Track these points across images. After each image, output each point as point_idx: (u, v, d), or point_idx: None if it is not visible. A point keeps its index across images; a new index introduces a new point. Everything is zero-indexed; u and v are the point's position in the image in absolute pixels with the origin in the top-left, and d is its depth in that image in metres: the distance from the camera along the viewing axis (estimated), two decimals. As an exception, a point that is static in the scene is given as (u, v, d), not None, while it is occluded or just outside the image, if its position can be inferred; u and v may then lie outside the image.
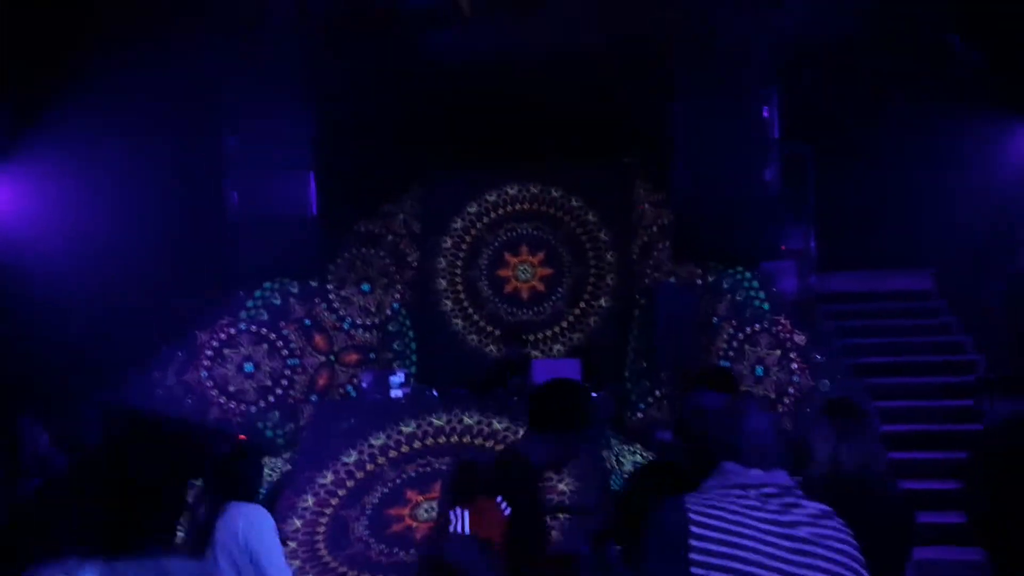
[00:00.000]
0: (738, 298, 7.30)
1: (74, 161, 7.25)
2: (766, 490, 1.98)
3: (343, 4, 8.24)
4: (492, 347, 9.16)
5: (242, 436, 4.29)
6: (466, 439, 6.52)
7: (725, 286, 7.44)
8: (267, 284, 8.36)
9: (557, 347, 8.78)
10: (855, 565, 1.93)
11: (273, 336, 8.28)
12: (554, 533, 5.22)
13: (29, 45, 6.92)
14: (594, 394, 6.87)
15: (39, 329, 7.52)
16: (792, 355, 6.78)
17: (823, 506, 2.02)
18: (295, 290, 8.45)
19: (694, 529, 1.89)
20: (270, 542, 3.24)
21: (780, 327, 6.97)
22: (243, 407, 8.05)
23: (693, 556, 1.86)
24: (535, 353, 8.74)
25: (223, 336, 8.15)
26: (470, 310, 9.36)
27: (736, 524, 1.91)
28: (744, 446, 2.05)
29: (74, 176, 7.31)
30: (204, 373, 8.02)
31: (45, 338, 7.47)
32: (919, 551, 2.98)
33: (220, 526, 3.21)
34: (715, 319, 7.44)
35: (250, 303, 8.27)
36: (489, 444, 6.41)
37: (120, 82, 7.10)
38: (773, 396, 6.80)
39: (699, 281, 7.72)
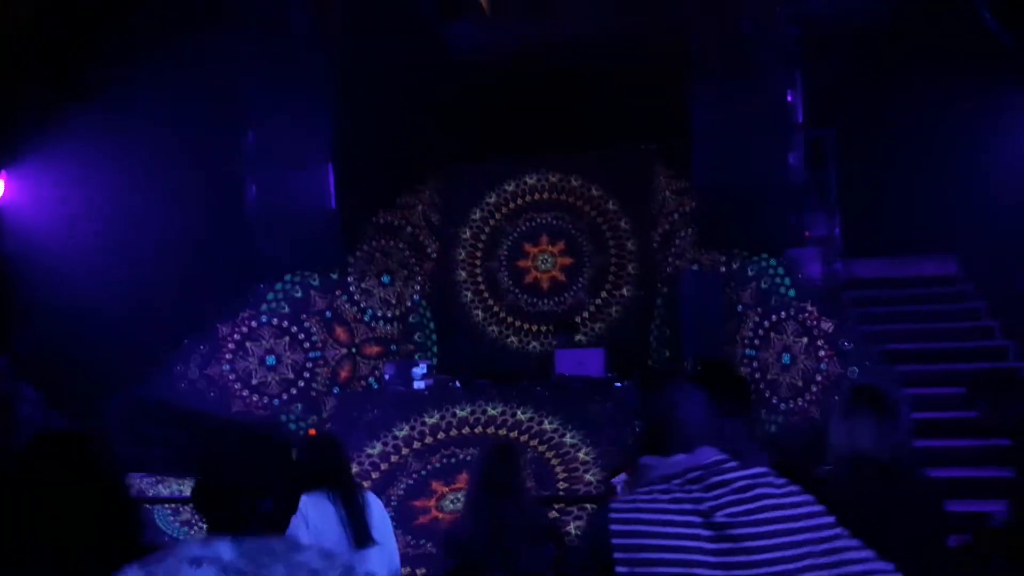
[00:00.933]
0: (763, 285, 7.21)
1: (97, 158, 7.27)
2: (691, 475, 1.89)
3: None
4: (513, 338, 9.12)
5: (312, 431, 4.33)
6: (490, 430, 6.50)
7: (750, 273, 7.36)
8: (288, 277, 8.36)
9: (579, 337, 8.72)
10: (779, 527, 1.82)
11: (295, 329, 8.28)
12: (581, 524, 5.18)
13: (55, 44, 6.94)
14: (617, 384, 6.84)
15: (61, 325, 7.56)
16: (819, 343, 6.69)
17: (752, 471, 1.91)
18: (316, 283, 8.45)
19: (616, 540, 1.80)
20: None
21: (806, 314, 6.88)
22: (266, 400, 8.07)
23: (619, 569, 1.78)
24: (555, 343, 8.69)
25: (245, 329, 8.17)
26: (490, 301, 9.33)
27: (655, 524, 1.82)
28: (668, 431, 1.97)
29: (97, 173, 7.33)
30: (227, 366, 8.04)
31: (67, 334, 7.50)
32: (953, 540, 2.90)
33: (369, 512, 3.28)
34: (740, 307, 7.36)
35: (271, 296, 8.28)
36: (514, 435, 6.38)
37: (141, 78, 7.11)
38: (800, 384, 6.72)
39: (723, 268, 7.63)
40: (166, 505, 6.35)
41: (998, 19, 6.39)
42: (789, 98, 7.21)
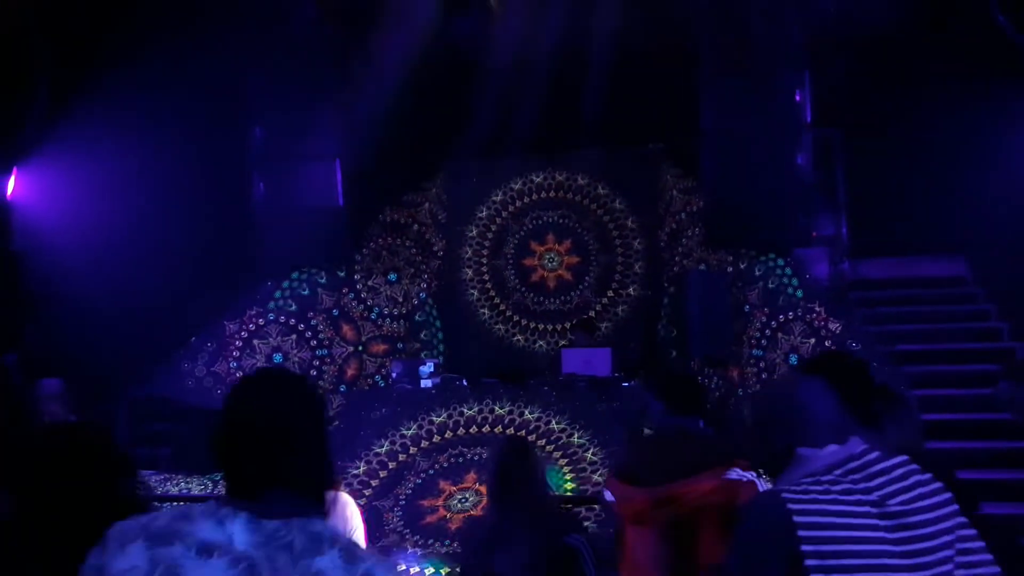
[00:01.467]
0: (770, 285, 7.20)
1: (103, 154, 7.27)
2: (850, 465, 1.93)
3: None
4: (519, 337, 9.12)
5: None
6: (498, 429, 6.49)
7: (757, 273, 7.34)
8: (295, 274, 8.37)
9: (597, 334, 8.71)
10: (947, 511, 1.90)
11: (302, 326, 8.29)
12: (590, 524, 5.18)
13: (62, 41, 6.93)
14: (624, 384, 6.84)
15: (69, 322, 7.57)
16: (827, 343, 6.68)
17: (899, 459, 1.98)
18: (323, 280, 8.45)
19: (802, 532, 1.82)
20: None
21: (814, 315, 6.87)
22: (273, 397, 8.06)
23: (809, 562, 1.80)
24: (562, 343, 8.70)
25: (252, 327, 8.18)
26: (496, 299, 9.33)
27: (837, 516, 1.86)
28: (809, 423, 2.00)
29: (103, 169, 7.33)
30: (234, 364, 8.05)
31: (76, 331, 7.51)
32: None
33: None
34: (747, 307, 7.35)
35: (278, 293, 8.29)
36: (521, 434, 6.37)
37: (148, 75, 7.11)
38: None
39: (730, 268, 7.62)
40: (174, 504, 6.34)
41: (1011, 21, 6.36)
42: (797, 98, 7.18)
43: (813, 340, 6.79)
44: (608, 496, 3.39)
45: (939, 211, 8.34)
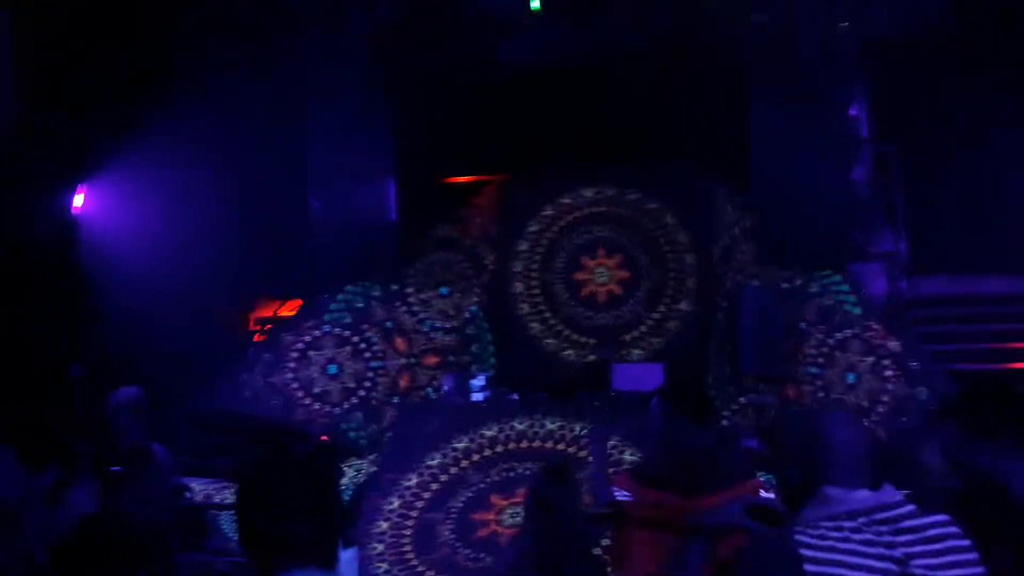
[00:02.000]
0: (827, 302, 7.11)
1: (166, 170, 7.50)
2: (877, 515, 1.80)
3: (419, 12, 8.34)
4: (570, 351, 9.12)
5: (324, 437, 4.31)
6: (548, 444, 6.51)
7: (813, 290, 7.25)
8: (349, 288, 8.50)
9: (637, 352, 8.67)
10: None
11: (356, 338, 8.41)
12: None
13: (125, 57, 7.19)
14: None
15: (132, 334, 7.81)
16: (885, 362, 6.56)
17: (938, 517, 1.82)
18: (377, 293, 8.57)
19: None
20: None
21: (872, 332, 6.76)
22: (327, 408, 8.20)
23: None
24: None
25: (308, 338, 8.32)
26: (547, 314, 9.34)
27: (851, 568, 1.73)
28: (841, 463, 1.87)
29: (166, 184, 7.57)
30: (290, 375, 8.20)
31: (138, 343, 7.75)
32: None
33: None
34: (803, 324, 7.26)
35: (334, 306, 8.42)
36: (571, 450, 6.38)
37: (209, 93, 7.33)
38: (866, 404, 6.59)
39: (785, 284, 7.53)
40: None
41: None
42: (853, 112, 7.09)
43: (871, 359, 6.68)
44: (621, 495, 3.35)
45: (1001, 226, 8.16)
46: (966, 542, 1.79)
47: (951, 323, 8.22)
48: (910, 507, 1.83)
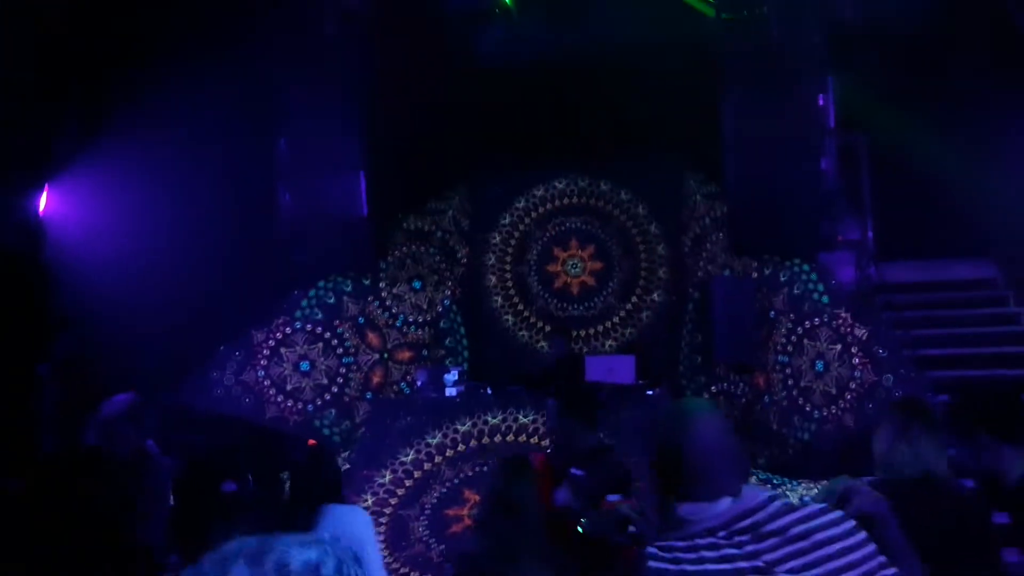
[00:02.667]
0: (796, 291, 7.17)
1: (133, 168, 7.39)
2: (736, 525, 1.66)
3: (391, 5, 8.27)
4: (543, 343, 9.15)
5: (311, 441, 4.33)
6: (522, 438, 6.52)
7: (782, 279, 7.31)
8: (321, 283, 8.45)
9: (609, 343, 8.73)
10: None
11: (328, 335, 8.37)
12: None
13: (91, 56, 7.06)
14: (649, 392, 6.84)
15: (100, 333, 7.71)
16: (853, 349, 6.64)
17: (809, 509, 1.69)
18: (348, 288, 8.53)
19: None
20: (376, 542, 3.32)
21: (840, 321, 6.83)
22: (300, 405, 8.17)
23: None
24: (585, 349, 8.72)
25: (279, 335, 8.27)
26: (520, 306, 9.36)
27: None
28: (699, 472, 1.71)
29: (133, 182, 7.45)
30: (261, 372, 8.15)
31: (106, 342, 7.65)
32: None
33: (327, 529, 3.23)
34: (772, 312, 7.33)
35: (305, 302, 8.38)
36: (545, 443, 6.40)
37: (177, 90, 7.22)
38: (834, 391, 6.67)
39: (755, 274, 7.60)
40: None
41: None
42: (820, 103, 7.14)
43: (839, 346, 6.76)
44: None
45: (966, 213, 8.25)
46: (839, 529, 1.64)
47: (918, 309, 8.33)
48: (775, 506, 1.67)
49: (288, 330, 8.29)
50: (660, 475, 1.77)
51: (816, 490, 6.08)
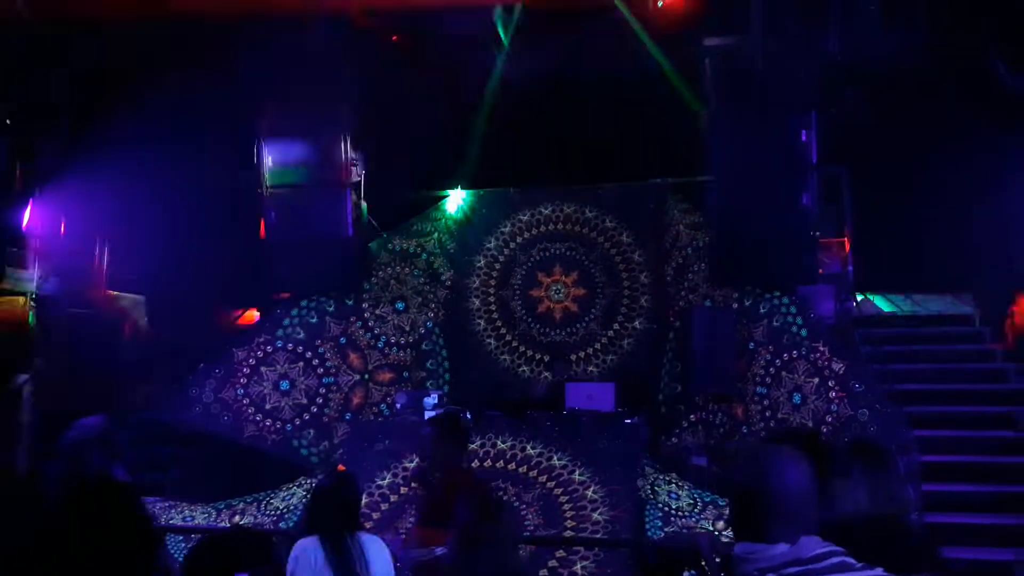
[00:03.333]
0: (775, 323, 7.23)
1: (117, 183, 7.40)
2: (787, 571, 1.72)
3: (385, 26, 8.34)
4: (524, 368, 9.17)
5: (341, 467, 4.37)
6: (499, 464, 6.52)
7: (762, 311, 7.38)
8: (304, 302, 8.45)
9: (591, 368, 8.75)
10: None
11: (309, 354, 8.36)
12: (588, 565, 5.20)
13: (75, 72, 7.09)
14: (628, 420, 6.86)
15: (80, 346, 7.68)
16: (830, 383, 6.70)
17: (868, 572, 1.76)
18: (331, 308, 8.53)
19: None
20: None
21: (818, 354, 6.89)
22: (278, 424, 8.13)
23: None
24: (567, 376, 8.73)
25: (260, 354, 8.25)
26: (503, 330, 9.38)
27: None
28: (763, 509, 1.77)
29: (117, 197, 7.46)
30: (241, 391, 8.12)
31: (86, 355, 7.62)
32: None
33: (367, 557, 3.27)
34: (751, 344, 7.38)
35: (287, 321, 8.36)
36: (522, 470, 6.40)
37: (163, 106, 7.25)
38: (810, 424, 6.72)
39: (735, 305, 7.66)
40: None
41: (1007, 65, 6.42)
42: (804, 138, 7.24)
43: (816, 380, 6.81)
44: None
45: (946, 249, 8.37)
46: None
47: (896, 343, 8.41)
48: (831, 561, 1.74)
49: (269, 348, 8.27)
50: (736, 511, 1.82)
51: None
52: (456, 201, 9.49)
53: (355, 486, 3.55)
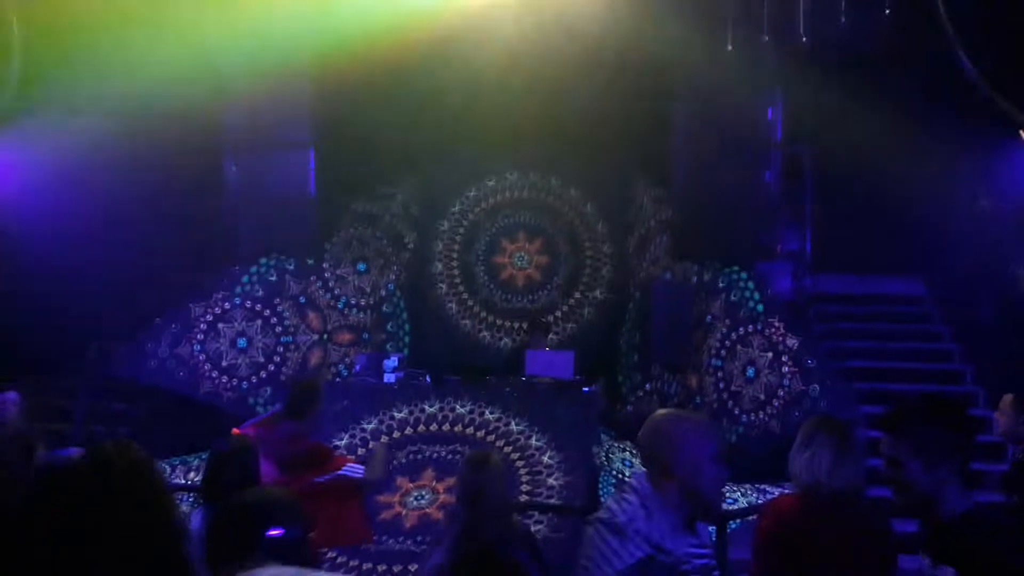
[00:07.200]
0: (733, 298, 7.35)
1: (74, 133, 7.20)
2: None
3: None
4: (485, 333, 9.20)
5: (235, 430, 4.22)
6: (457, 428, 6.57)
7: (720, 285, 7.48)
8: (263, 260, 8.35)
9: (551, 336, 8.81)
10: None
11: (267, 312, 8.29)
12: (542, 529, 5.29)
13: (30, 15, 6.85)
14: (585, 388, 6.95)
15: (35, 299, 7.52)
16: (784, 358, 6.84)
17: None
18: (291, 267, 8.45)
19: None
20: None
21: (773, 329, 7.03)
22: (235, 382, 8.08)
23: None
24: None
25: (218, 310, 8.16)
26: (464, 295, 9.39)
27: None
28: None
29: (74, 147, 7.26)
30: (197, 347, 8.04)
31: (41, 308, 7.47)
32: (903, 560, 3.02)
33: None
34: (709, 317, 7.50)
35: (246, 279, 8.27)
36: (480, 434, 6.46)
37: (122, 54, 7.05)
38: (762, 397, 6.87)
39: (694, 278, 7.76)
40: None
41: (970, 58, 6.55)
42: (769, 116, 7.32)
43: (771, 354, 6.95)
44: None
45: (902, 232, 8.58)
46: None
47: (849, 320, 8.62)
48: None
49: (227, 305, 8.19)
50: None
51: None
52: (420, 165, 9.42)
53: (253, 453, 3.36)
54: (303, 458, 4.04)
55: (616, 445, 6.69)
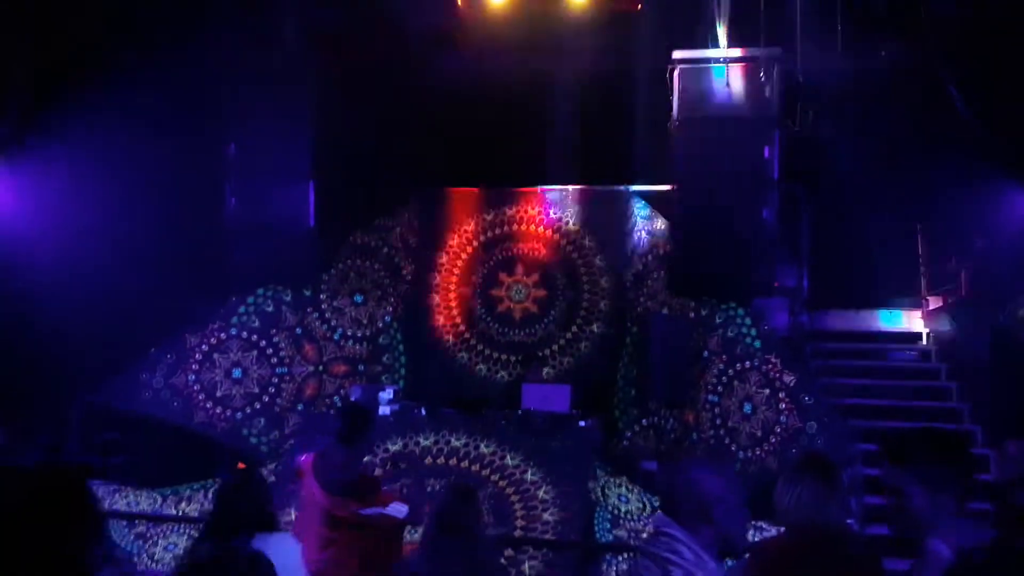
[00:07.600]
0: (730, 334, 7.34)
1: (75, 160, 7.25)
2: None
3: (349, 18, 8.28)
4: (481, 366, 9.17)
5: (241, 464, 4.27)
6: (452, 461, 6.52)
7: (717, 320, 7.48)
8: (260, 291, 8.35)
9: (547, 370, 8.78)
10: None
11: (263, 343, 8.27)
12: (536, 564, 5.23)
13: (39, 45, 6.92)
14: (582, 423, 6.91)
15: (30, 324, 7.50)
16: (780, 395, 6.82)
17: None
18: (288, 298, 8.45)
19: None
20: None
21: (770, 366, 7.02)
22: (229, 413, 8.03)
23: None
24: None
25: (213, 340, 8.14)
26: (462, 327, 9.36)
27: None
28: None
29: (74, 174, 7.30)
30: (192, 377, 8.00)
31: (35, 334, 7.44)
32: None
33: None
34: (706, 353, 7.48)
35: (242, 309, 8.26)
36: (475, 468, 6.41)
37: (127, 85, 7.12)
38: (759, 434, 6.84)
39: (692, 314, 7.76)
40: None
41: (966, 100, 6.62)
42: (767, 154, 7.37)
43: (767, 391, 6.93)
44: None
45: (898, 267, 8.60)
46: None
47: (847, 358, 8.59)
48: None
49: (223, 336, 8.17)
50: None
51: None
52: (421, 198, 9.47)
53: (262, 485, 3.31)
54: (350, 487, 4.15)
55: (612, 480, 6.63)
